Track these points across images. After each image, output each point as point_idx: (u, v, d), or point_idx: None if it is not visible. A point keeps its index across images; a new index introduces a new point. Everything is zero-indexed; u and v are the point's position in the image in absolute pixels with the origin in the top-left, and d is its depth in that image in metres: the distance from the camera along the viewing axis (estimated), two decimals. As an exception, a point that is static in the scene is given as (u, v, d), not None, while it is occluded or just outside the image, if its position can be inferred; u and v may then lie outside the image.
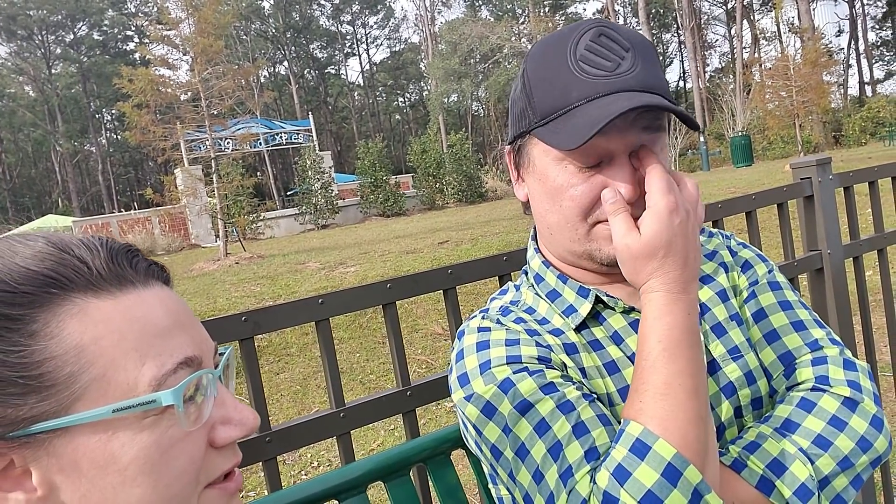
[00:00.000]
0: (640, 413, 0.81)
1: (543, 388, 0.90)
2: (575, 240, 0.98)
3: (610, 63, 0.89)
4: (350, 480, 1.12)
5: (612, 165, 0.92)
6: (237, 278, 10.37)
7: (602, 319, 1.01)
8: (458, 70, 43.73)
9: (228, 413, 0.64)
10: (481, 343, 0.97)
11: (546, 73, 0.94)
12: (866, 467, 0.88)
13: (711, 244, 1.13)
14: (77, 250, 0.59)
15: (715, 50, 61.72)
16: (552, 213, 0.99)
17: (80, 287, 0.57)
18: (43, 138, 58.82)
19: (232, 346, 0.71)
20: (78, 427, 0.55)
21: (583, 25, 0.93)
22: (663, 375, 0.82)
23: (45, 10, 55.61)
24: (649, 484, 0.77)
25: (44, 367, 0.54)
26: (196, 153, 20.91)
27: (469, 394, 0.94)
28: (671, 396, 0.80)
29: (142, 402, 0.57)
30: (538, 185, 1.00)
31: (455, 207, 24.49)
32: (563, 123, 0.91)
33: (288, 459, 4.49)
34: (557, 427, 0.86)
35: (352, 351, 6.44)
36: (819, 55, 23.21)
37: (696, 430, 0.79)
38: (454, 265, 1.49)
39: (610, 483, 0.79)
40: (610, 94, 0.88)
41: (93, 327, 0.56)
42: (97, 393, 0.55)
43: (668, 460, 0.77)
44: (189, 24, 14.25)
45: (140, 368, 0.57)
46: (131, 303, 0.60)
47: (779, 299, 1.04)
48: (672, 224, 0.86)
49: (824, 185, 2.06)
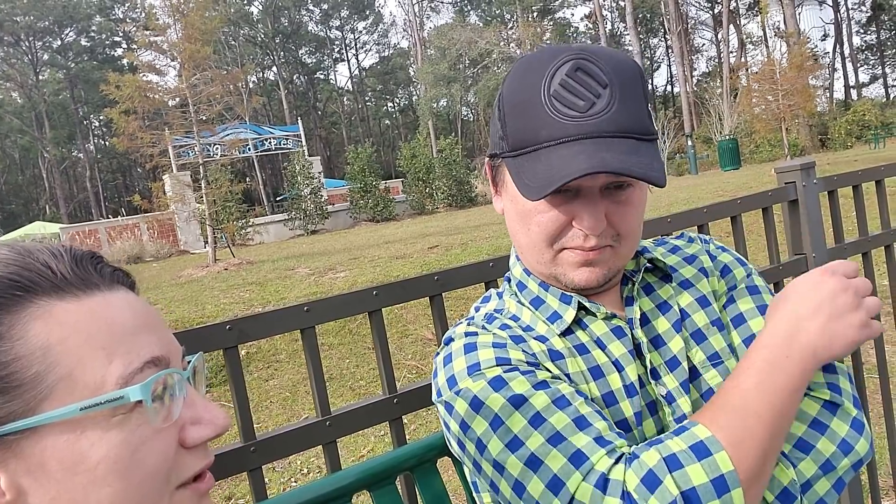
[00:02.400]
0: (714, 422, 0.81)
1: (536, 386, 0.89)
2: (542, 262, 0.99)
3: (583, 102, 0.87)
4: (335, 490, 1.12)
5: (580, 199, 0.92)
6: (226, 284, 10.32)
7: (584, 326, 1.00)
8: (448, 75, 43.83)
9: (198, 413, 0.64)
10: (469, 346, 0.97)
11: (519, 103, 0.92)
12: (848, 470, 0.89)
13: (691, 249, 1.13)
14: (41, 255, 0.60)
15: (702, 54, 62.20)
16: (521, 234, 1.00)
17: (44, 290, 0.58)
18: (30, 145, 58.44)
19: (200, 353, 0.71)
20: (45, 427, 0.55)
21: (562, 55, 0.90)
22: (752, 401, 0.82)
23: (33, 15, 55.27)
24: (696, 483, 0.76)
25: (10, 368, 0.54)
26: (184, 159, 20.79)
27: (458, 390, 0.92)
28: (750, 421, 0.80)
29: (109, 398, 0.56)
30: (511, 205, 1.01)
31: (445, 212, 24.49)
32: (529, 165, 0.91)
33: (278, 466, 4.47)
34: (555, 419, 0.85)
35: (341, 357, 6.42)
36: (805, 59, 23.33)
37: (761, 463, 0.79)
38: (441, 271, 1.49)
39: (658, 465, 0.78)
40: (576, 140, 0.87)
41: (58, 328, 0.57)
42: (64, 392, 0.55)
43: (723, 473, 0.77)
44: (176, 30, 14.19)
45: (107, 367, 0.57)
46: (97, 304, 0.60)
47: (757, 304, 1.04)
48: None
49: (808, 189, 2.08)
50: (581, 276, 0.96)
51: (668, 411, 0.95)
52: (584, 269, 0.96)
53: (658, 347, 0.99)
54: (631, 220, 0.96)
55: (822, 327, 0.86)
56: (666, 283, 1.06)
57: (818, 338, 0.86)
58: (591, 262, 0.96)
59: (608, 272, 0.97)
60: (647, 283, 1.06)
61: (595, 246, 0.94)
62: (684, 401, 0.95)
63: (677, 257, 1.11)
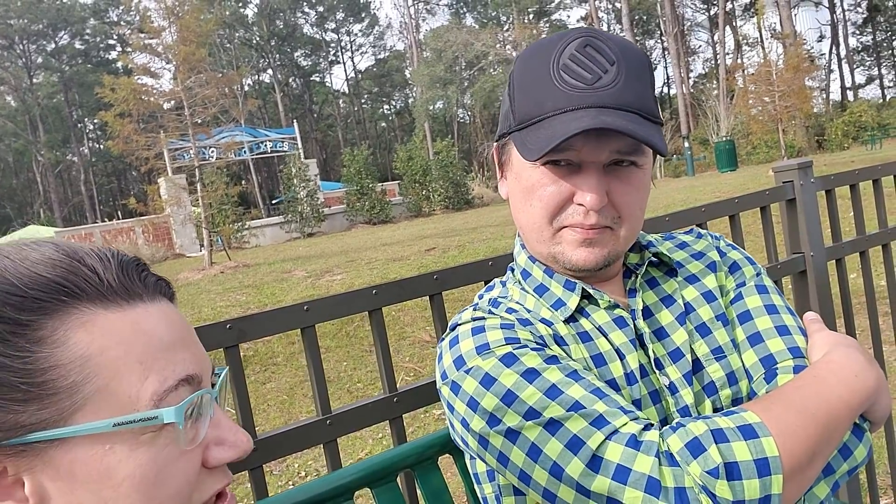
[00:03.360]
0: (767, 410, 0.82)
1: (548, 360, 0.89)
2: (541, 241, 1.00)
3: (590, 76, 0.89)
4: (337, 487, 1.12)
5: (582, 173, 0.93)
6: (222, 287, 10.31)
7: (587, 315, 1.01)
8: (444, 77, 43.85)
9: (223, 434, 0.63)
10: (477, 328, 0.96)
11: (528, 78, 0.94)
12: (844, 474, 0.90)
13: (699, 245, 1.13)
14: (89, 260, 0.59)
15: (698, 56, 62.36)
16: (523, 212, 1.00)
17: (90, 297, 0.57)
18: (24, 148, 58.28)
19: (226, 367, 0.70)
20: (76, 438, 0.54)
21: (572, 34, 0.93)
22: (810, 402, 0.83)
23: (27, 18, 55.19)
24: (740, 458, 0.77)
25: (48, 375, 0.53)
26: (180, 162, 20.74)
27: (467, 369, 0.91)
28: (803, 418, 0.81)
29: (143, 417, 0.56)
30: (515, 183, 1.01)
31: (442, 214, 24.49)
32: (532, 133, 0.92)
33: (275, 470, 4.46)
34: (572, 391, 0.85)
35: (339, 360, 6.42)
36: (801, 61, 23.38)
37: (807, 460, 0.80)
38: (440, 271, 1.49)
39: (705, 434, 0.79)
40: (580, 109, 0.88)
41: (100, 338, 0.56)
42: (98, 404, 0.54)
43: (767, 456, 0.77)
44: (171, 33, 14.18)
45: (143, 382, 0.56)
46: (138, 316, 0.59)
47: (765, 303, 1.05)
48: None
49: (806, 188, 2.08)
50: (580, 255, 0.96)
51: (672, 401, 0.96)
52: (582, 248, 0.96)
53: (661, 339, 1.00)
54: (632, 200, 0.96)
55: (878, 376, 0.90)
56: (671, 278, 1.06)
57: (876, 383, 0.89)
58: (591, 242, 0.96)
59: (608, 255, 0.97)
60: (652, 276, 1.07)
61: (595, 224, 0.94)
62: (687, 392, 0.96)
63: (685, 253, 1.12)
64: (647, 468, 0.78)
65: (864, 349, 0.95)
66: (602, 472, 0.79)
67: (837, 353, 0.92)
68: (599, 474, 0.79)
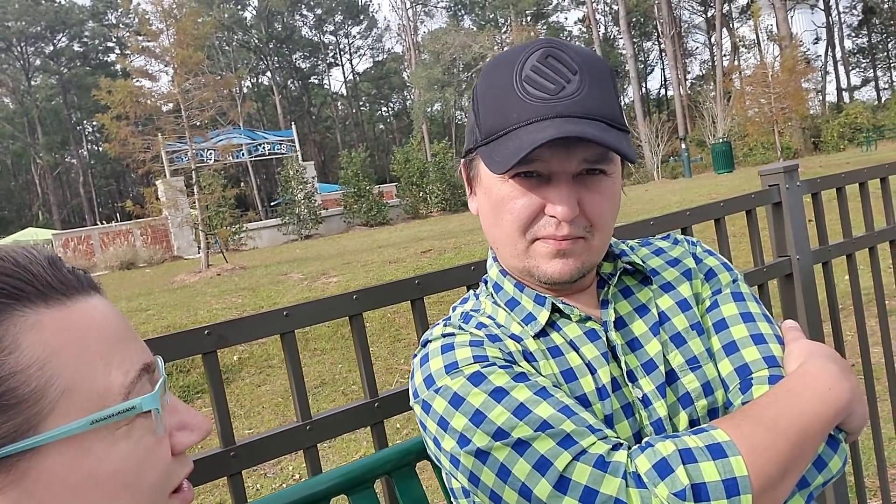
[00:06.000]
0: (737, 428, 0.81)
1: (516, 378, 0.88)
2: (515, 255, 0.99)
3: (553, 86, 0.89)
4: (312, 494, 1.11)
5: (552, 184, 0.93)
6: (218, 290, 10.30)
7: (558, 328, 1.00)
8: (441, 79, 43.87)
9: (184, 418, 0.62)
10: (446, 346, 0.96)
11: (492, 92, 0.94)
12: (819, 486, 0.89)
13: (676, 251, 1.12)
14: (18, 259, 0.55)
15: (695, 58, 62.39)
16: (495, 227, 1.00)
17: (30, 297, 0.54)
18: (22, 150, 58.26)
19: (159, 356, 0.67)
20: (50, 445, 0.51)
21: (533, 45, 0.92)
22: (782, 418, 0.83)
23: (25, 21, 55.15)
24: (707, 479, 0.77)
25: (7, 384, 0.50)
26: (177, 164, 20.75)
27: (436, 388, 0.91)
28: (773, 434, 0.81)
29: (121, 409, 0.54)
30: (485, 198, 1.00)
31: (439, 216, 24.51)
32: (499, 146, 0.91)
33: (269, 472, 4.46)
34: (540, 409, 0.84)
35: (334, 362, 6.42)
36: (797, 62, 23.45)
37: (778, 477, 0.79)
38: (422, 275, 1.49)
39: (673, 455, 0.79)
40: (545, 119, 0.88)
41: (52, 337, 0.53)
42: (67, 406, 0.52)
43: (736, 476, 0.77)
44: (169, 35, 14.18)
45: (107, 377, 0.54)
46: (83, 311, 0.56)
47: (741, 310, 1.03)
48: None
49: (792, 191, 2.08)
50: (554, 267, 0.95)
51: (645, 414, 0.94)
52: (556, 260, 0.95)
53: (634, 350, 0.98)
54: (603, 208, 0.95)
55: (853, 387, 0.90)
56: (645, 287, 1.05)
57: (851, 394, 0.89)
58: (564, 254, 0.95)
59: (581, 266, 0.96)
60: (626, 285, 1.05)
61: (567, 235, 0.93)
62: (660, 404, 0.95)
63: (660, 260, 1.10)
64: (615, 490, 0.78)
65: (840, 359, 0.94)
66: (570, 494, 0.79)
67: (812, 364, 0.91)
68: (567, 496, 0.79)
